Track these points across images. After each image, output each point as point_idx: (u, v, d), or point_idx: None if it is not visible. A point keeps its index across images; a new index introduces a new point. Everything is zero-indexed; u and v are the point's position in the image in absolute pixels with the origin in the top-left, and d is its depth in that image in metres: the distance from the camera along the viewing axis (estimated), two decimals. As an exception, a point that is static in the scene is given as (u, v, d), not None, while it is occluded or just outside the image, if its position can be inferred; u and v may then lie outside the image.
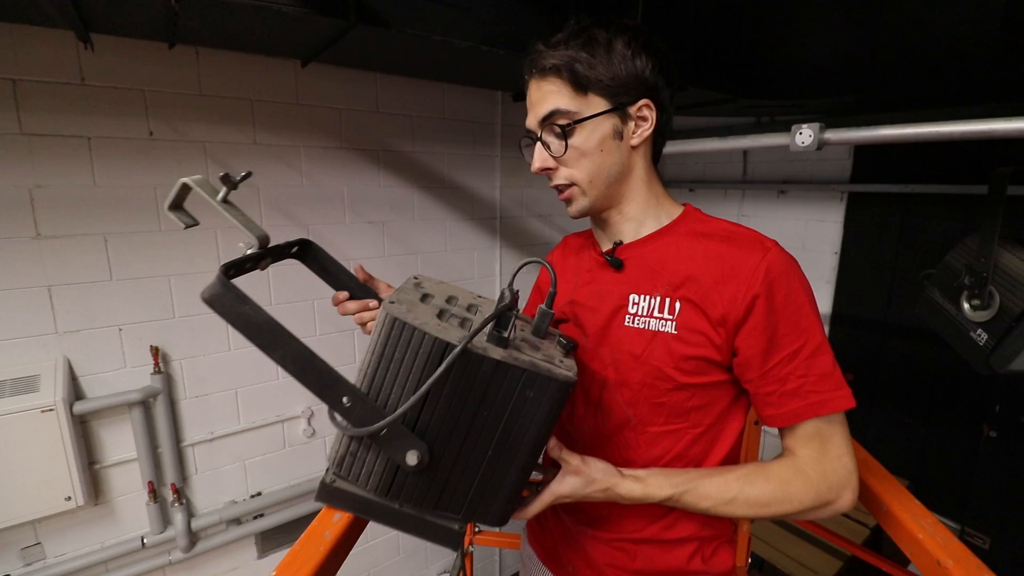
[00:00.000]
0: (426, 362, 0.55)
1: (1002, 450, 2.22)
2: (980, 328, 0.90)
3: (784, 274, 0.69)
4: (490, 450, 0.59)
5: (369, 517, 0.62)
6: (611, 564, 0.82)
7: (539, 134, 0.75)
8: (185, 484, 1.99)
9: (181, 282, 1.86)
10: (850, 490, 0.69)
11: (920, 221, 2.42)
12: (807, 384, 0.68)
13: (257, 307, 0.55)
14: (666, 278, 0.75)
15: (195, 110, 1.77)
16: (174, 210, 0.64)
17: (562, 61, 0.71)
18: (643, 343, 0.75)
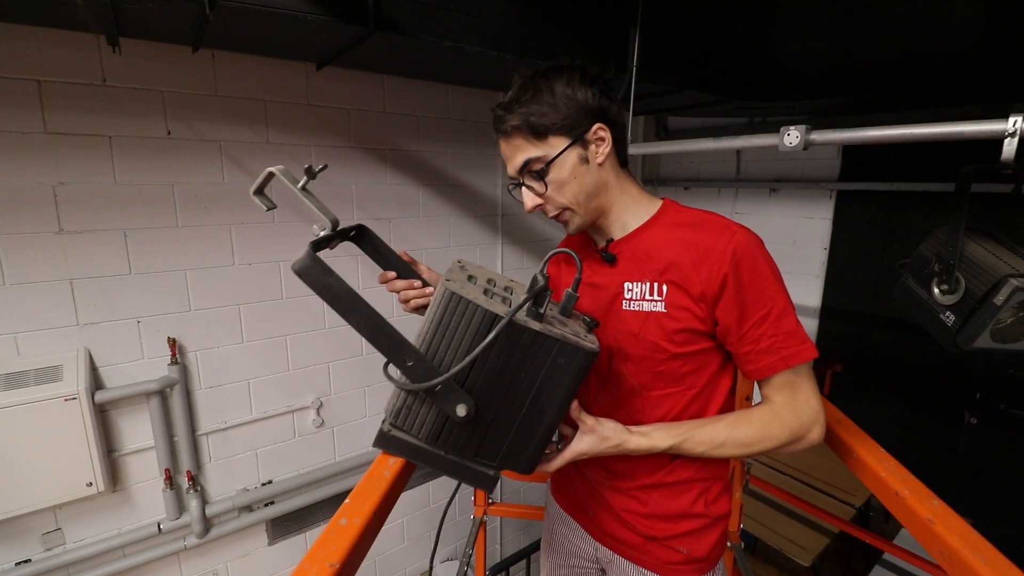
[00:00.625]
0: (477, 330, 0.66)
1: (982, 436, 2.33)
2: (948, 310, 1.00)
3: (748, 253, 0.81)
4: (525, 407, 0.69)
5: (419, 461, 0.72)
6: (626, 510, 0.96)
7: (521, 180, 0.88)
8: (200, 472, 2.06)
9: (197, 276, 1.93)
10: (818, 426, 0.83)
11: (905, 217, 2.52)
12: (776, 342, 0.81)
13: (339, 278, 0.65)
14: (652, 265, 0.87)
15: (211, 110, 1.84)
16: (257, 195, 0.74)
17: (519, 120, 0.83)
18: (639, 323, 0.87)
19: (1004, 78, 1.72)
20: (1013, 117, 0.99)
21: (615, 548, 1.00)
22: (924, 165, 2.37)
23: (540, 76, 0.83)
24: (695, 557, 0.94)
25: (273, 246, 2.08)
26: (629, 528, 0.96)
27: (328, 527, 0.59)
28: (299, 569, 0.52)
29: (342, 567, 0.52)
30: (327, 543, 0.55)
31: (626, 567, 0.99)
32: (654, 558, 0.95)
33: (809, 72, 2.06)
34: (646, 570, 0.96)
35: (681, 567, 0.94)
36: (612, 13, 1.71)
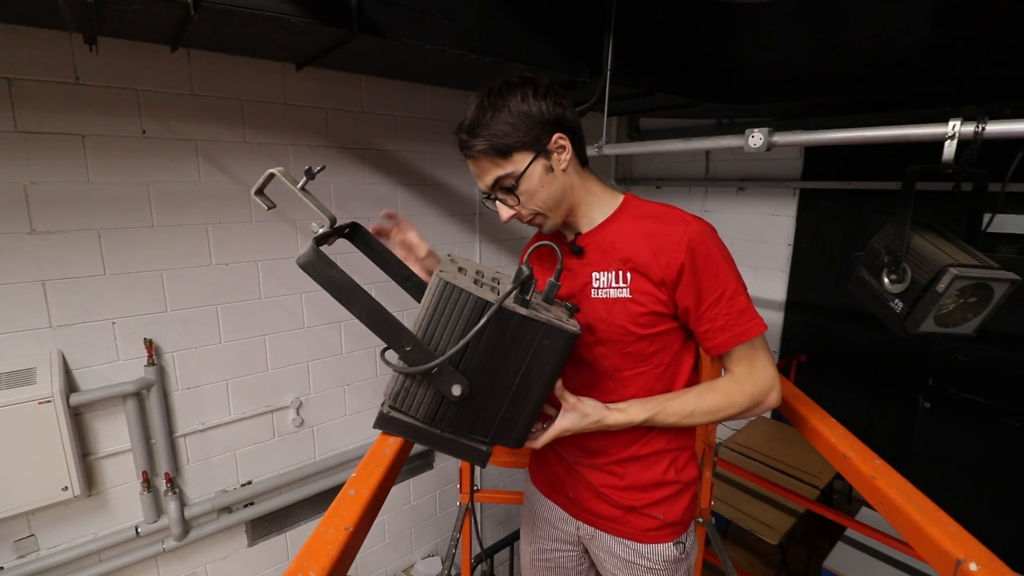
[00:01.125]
0: (470, 316, 0.71)
1: (935, 419, 2.48)
2: (897, 298, 1.09)
3: (701, 241, 0.88)
4: (514, 386, 0.75)
5: (417, 440, 0.78)
6: (605, 484, 1.02)
7: (494, 195, 0.94)
8: (178, 474, 2.04)
9: (174, 276, 1.91)
10: (775, 391, 0.92)
11: (863, 214, 2.66)
12: (731, 320, 0.89)
13: (341, 271, 0.70)
14: (617, 255, 0.94)
15: (187, 109, 1.83)
16: (259, 195, 0.77)
17: (484, 144, 0.87)
18: (607, 308, 0.94)
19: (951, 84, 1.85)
20: (952, 121, 1.08)
21: (596, 523, 1.06)
22: (880, 165, 2.51)
23: (495, 95, 0.87)
24: (670, 521, 1.01)
25: (250, 246, 2.07)
26: (608, 502, 1.03)
27: (338, 498, 0.63)
28: (316, 532, 0.55)
29: (355, 529, 0.56)
30: (339, 510, 0.60)
31: (607, 540, 1.05)
32: (633, 527, 1.02)
33: (773, 77, 2.17)
34: (626, 539, 1.03)
35: (658, 532, 1.01)
36: (587, 19, 1.78)
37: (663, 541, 1.02)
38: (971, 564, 0.59)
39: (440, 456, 2.90)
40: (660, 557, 1.02)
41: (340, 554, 0.53)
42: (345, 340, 2.44)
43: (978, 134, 1.03)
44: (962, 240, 1.15)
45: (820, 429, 0.96)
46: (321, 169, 0.77)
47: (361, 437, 2.57)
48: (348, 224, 0.93)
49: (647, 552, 1.02)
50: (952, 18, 1.69)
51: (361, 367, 2.52)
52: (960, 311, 1.09)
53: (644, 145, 1.73)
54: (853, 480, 0.85)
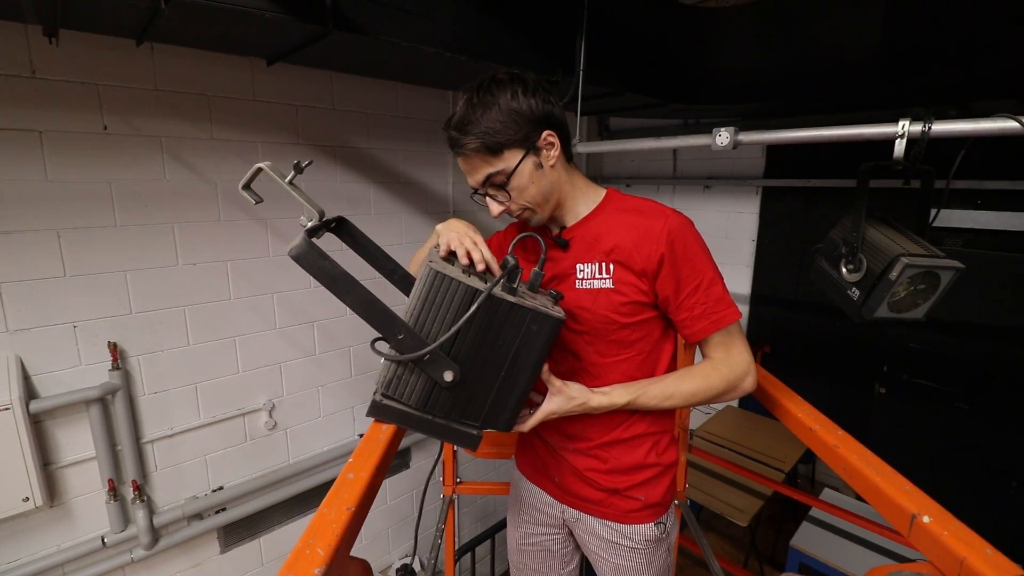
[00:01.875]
0: (460, 304, 0.73)
1: (890, 403, 2.62)
2: (854, 287, 1.16)
3: (680, 233, 0.92)
4: (503, 371, 0.78)
5: (409, 427, 0.79)
6: (589, 468, 1.06)
7: (484, 191, 0.95)
8: (145, 481, 1.98)
9: (138, 277, 1.85)
10: (751, 376, 0.96)
11: (821, 210, 2.79)
12: (708, 308, 0.93)
13: (334, 262, 0.71)
14: (600, 248, 0.97)
15: (151, 105, 1.78)
16: (246, 189, 0.77)
17: (476, 143, 0.88)
18: (591, 299, 0.97)
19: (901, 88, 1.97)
20: (902, 121, 1.15)
21: (580, 506, 1.10)
22: (835, 164, 2.64)
23: (485, 91, 0.88)
24: (651, 503, 1.05)
25: (219, 245, 2.03)
26: (592, 485, 1.06)
27: (338, 481, 0.64)
28: (319, 513, 0.56)
29: (356, 508, 0.58)
30: (341, 491, 0.61)
31: (591, 522, 1.09)
32: (616, 509, 1.06)
33: (736, 79, 2.25)
34: (609, 521, 1.07)
35: (640, 513, 1.05)
36: (560, 20, 1.81)
37: (645, 522, 1.06)
38: (924, 517, 0.65)
39: (417, 455, 2.90)
40: (642, 537, 1.06)
41: (344, 531, 0.54)
42: (318, 341, 2.41)
43: (925, 133, 1.11)
44: (912, 232, 1.23)
45: (788, 406, 1.03)
46: (309, 163, 0.77)
47: (336, 439, 2.55)
48: (335, 218, 0.94)
49: (630, 532, 1.06)
50: (901, 27, 1.80)
51: (335, 368, 2.49)
52: (911, 297, 1.17)
53: (617, 143, 1.78)
54: (819, 450, 0.91)
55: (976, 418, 2.41)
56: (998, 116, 1.05)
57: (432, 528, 3.00)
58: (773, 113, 2.69)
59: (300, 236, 0.71)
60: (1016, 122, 1.01)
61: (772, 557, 2.65)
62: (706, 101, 2.34)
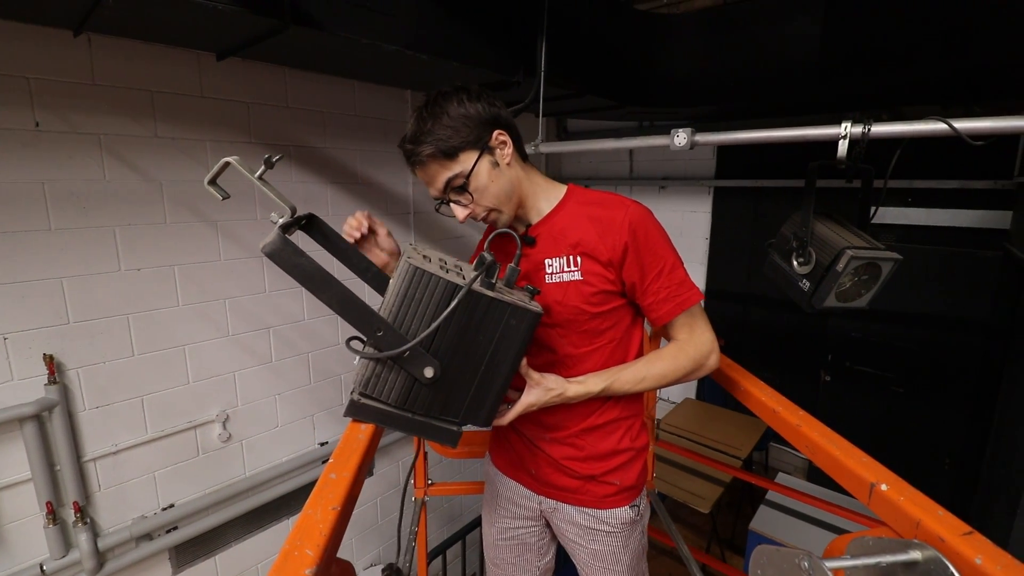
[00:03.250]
0: (439, 300, 0.73)
1: (835, 390, 2.79)
2: (804, 278, 1.23)
3: (641, 223, 0.97)
4: (483, 366, 0.78)
5: (388, 425, 0.78)
6: (567, 457, 1.08)
7: (447, 198, 0.98)
8: (88, 502, 1.85)
9: (76, 284, 1.73)
10: (715, 353, 1.01)
11: (770, 209, 2.93)
12: (671, 292, 0.98)
13: (309, 258, 0.69)
14: (566, 241, 1.00)
15: (88, 100, 1.67)
16: (211, 184, 0.73)
17: (430, 149, 0.92)
18: (562, 291, 1.00)
19: (837, 93, 2.10)
20: (845, 123, 1.23)
21: (557, 496, 1.12)
22: (781, 165, 2.78)
23: (433, 104, 0.93)
24: (626, 486, 1.09)
25: (165, 249, 1.92)
26: (569, 474, 1.08)
27: (320, 482, 0.62)
28: (304, 515, 0.54)
29: (342, 508, 0.56)
30: (324, 492, 0.59)
31: (568, 511, 1.11)
32: (592, 495, 1.09)
33: (688, 83, 2.34)
34: (586, 508, 1.10)
35: (615, 497, 1.09)
36: (521, 21, 1.82)
37: (620, 505, 1.09)
38: (882, 485, 0.70)
39: (381, 462, 2.84)
40: (618, 520, 1.09)
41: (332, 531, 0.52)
42: (275, 347, 2.32)
43: (865, 134, 1.19)
44: (855, 227, 1.32)
45: (751, 390, 1.08)
46: (279, 158, 0.75)
47: (296, 448, 2.46)
48: (305, 215, 0.92)
49: (606, 517, 1.09)
50: (837, 36, 1.92)
51: (293, 375, 2.41)
52: (855, 287, 1.25)
53: (579, 144, 1.81)
54: (781, 429, 0.96)
55: (911, 400, 2.59)
56: (930, 119, 1.14)
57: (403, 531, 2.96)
58: (722, 116, 2.81)
59: (274, 232, 0.69)
60: (945, 124, 1.09)
61: (732, 541, 2.76)
62: (659, 104, 2.41)
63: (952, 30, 1.69)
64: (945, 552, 0.49)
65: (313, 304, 2.41)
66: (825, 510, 1.63)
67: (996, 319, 2.34)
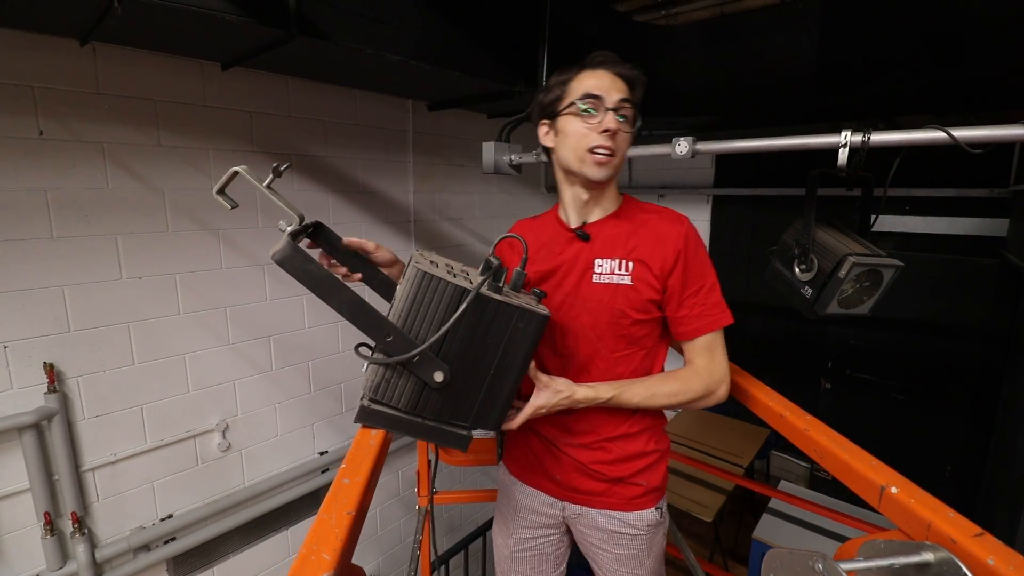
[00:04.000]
0: (448, 304, 0.73)
1: (835, 396, 2.79)
2: (806, 285, 1.24)
3: (695, 239, 1.02)
4: (492, 370, 0.78)
5: (398, 431, 0.77)
6: (594, 461, 1.08)
7: (612, 107, 0.98)
8: (86, 512, 1.83)
9: (77, 292, 1.73)
10: (725, 384, 1.03)
11: (768, 218, 2.95)
12: (705, 310, 1.00)
13: (319, 264, 0.70)
14: (622, 245, 1.03)
15: (92, 109, 1.67)
16: (220, 194, 0.74)
17: (637, 79, 1.01)
18: (608, 293, 1.02)
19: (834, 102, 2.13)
20: (844, 131, 1.25)
21: (582, 500, 1.11)
22: (778, 174, 2.81)
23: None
24: (652, 487, 1.10)
25: (166, 257, 1.92)
26: (596, 477, 1.08)
27: (334, 488, 0.62)
28: (319, 520, 0.54)
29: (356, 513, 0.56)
30: (338, 497, 0.59)
31: (593, 515, 1.11)
32: (619, 498, 1.09)
33: (687, 93, 2.36)
34: (612, 511, 1.10)
35: (642, 499, 1.09)
36: (522, 31, 1.85)
37: (646, 507, 1.10)
38: (892, 488, 0.70)
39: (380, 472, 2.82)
40: (644, 522, 1.09)
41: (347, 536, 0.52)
42: (275, 356, 2.32)
43: (865, 143, 1.20)
44: (856, 234, 1.33)
45: (758, 395, 1.09)
46: (287, 167, 0.75)
47: (296, 458, 2.45)
48: (312, 223, 0.92)
49: (632, 519, 1.09)
50: (832, 48, 1.95)
51: (293, 384, 2.40)
52: (857, 294, 1.26)
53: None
54: (789, 434, 0.96)
55: (912, 407, 2.59)
56: (929, 127, 1.15)
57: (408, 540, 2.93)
58: (720, 126, 2.84)
59: (283, 240, 0.69)
60: (944, 132, 1.11)
61: (734, 551, 2.74)
62: (659, 114, 2.43)
63: (945, 40, 1.71)
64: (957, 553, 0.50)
65: (313, 313, 2.41)
66: (829, 518, 1.62)
67: (995, 326, 2.35)
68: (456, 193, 2.99)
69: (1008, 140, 1.10)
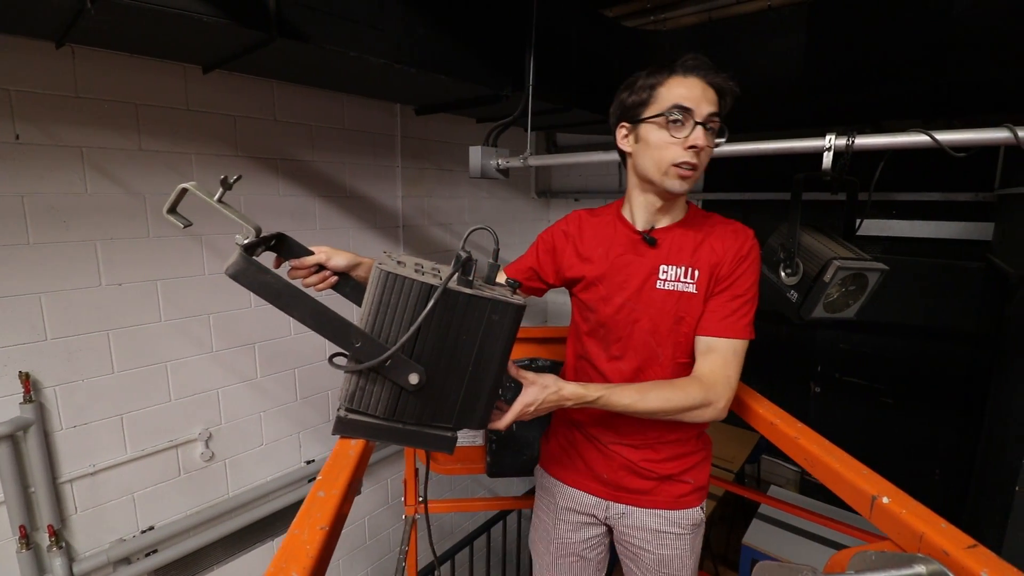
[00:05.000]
0: (416, 303, 0.70)
1: (825, 401, 2.79)
2: (792, 289, 1.23)
3: (757, 252, 1.05)
4: (470, 366, 0.75)
5: (379, 439, 0.75)
6: (644, 459, 1.09)
7: (701, 121, 0.96)
8: (64, 525, 1.78)
9: (55, 300, 1.69)
10: (726, 399, 0.99)
11: (756, 222, 2.94)
12: (734, 317, 1.00)
13: (276, 275, 0.67)
14: (690, 253, 1.03)
15: (71, 113, 1.65)
16: (171, 213, 0.71)
17: (729, 89, 1.00)
18: (672, 300, 1.02)
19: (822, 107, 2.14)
20: (829, 135, 1.25)
21: (629, 500, 1.11)
22: (767, 179, 2.81)
23: None
24: (699, 485, 1.10)
25: (148, 264, 1.89)
26: (644, 476, 1.08)
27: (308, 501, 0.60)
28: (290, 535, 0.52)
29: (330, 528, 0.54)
30: (312, 511, 0.57)
31: (640, 515, 1.10)
32: (666, 495, 1.09)
33: (675, 97, 2.36)
34: (659, 509, 1.09)
35: (689, 497, 1.10)
36: (509, 36, 1.84)
37: (692, 506, 1.10)
38: (883, 498, 0.69)
39: (370, 480, 2.78)
40: (689, 521, 1.09)
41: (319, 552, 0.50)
42: (260, 364, 2.28)
43: (849, 146, 1.20)
44: (841, 238, 1.32)
45: (749, 403, 1.09)
46: (237, 179, 0.73)
47: (282, 466, 2.41)
48: (274, 235, 0.89)
49: (678, 518, 1.09)
50: (819, 54, 1.96)
51: (278, 392, 2.36)
52: (843, 298, 1.25)
53: (567, 157, 1.81)
54: (779, 442, 0.95)
55: (901, 411, 2.60)
56: (912, 131, 1.15)
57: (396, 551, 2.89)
58: (709, 130, 2.84)
59: (236, 253, 0.67)
60: (928, 136, 1.11)
61: (725, 556, 2.72)
62: (648, 118, 2.43)
63: (930, 47, 1.73)
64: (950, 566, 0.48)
65: (300, 319, 2.38)
66: (819, 523, 1.61)
67: (981, 329, 2.36)
68: (446, 198, 2.97)
69: (990, 143, 1.10)
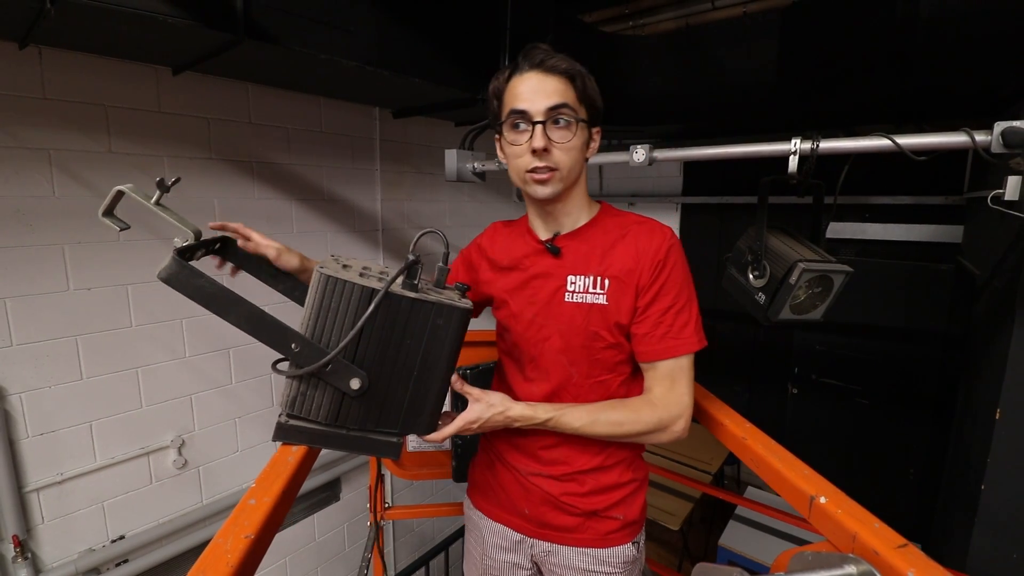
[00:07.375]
0: (357, 307, 0.69)
1: (802, 402, 2.82)
2: (760, 292, 1.25)
3: (678, 252, 0.94)
4: (415, 371, 0.74)
5: (322, 445, 0.73)
6: (566, 493, 0.99)
7: (541, 119, 0.87)
8: (30, 535, 1.74)
9: (20, 304, 1.65)
10: (683, 419, 0.91)
11: (734, 225, 2.99)
12: (671, 332, 0.90)
13: (210, 279, 0.66)
14: (597, 261, 0.93)
15: (37, 115, 1.61)
16: (107, 216, 0.70)
17: (573, 70, 0.88)
18: (582, 314, 0.92)
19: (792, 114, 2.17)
20: (794, 140, 1.27)
21: (553, 538, 1.02)
22: (745, 183, 2.86)
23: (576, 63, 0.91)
24: (629, 520, 1.01)
25: (118, 267, 1.85)
26: (568, 511, 1.00)
27: (237, 508, 0.58)
28: (213, 543, 0.51)
29: (256, 537, 0.53)
30: (239, 519, 0.55)
31: (565, 553, 1.01)
32: (594, 532, 1.00)
33: (653, 103, 2.39)
34: (586, 548, 1.00)
35: (618, 534, 1.00)
36: (483, 39, 1.84)
37: (623, 543, 1.01)
38: (821, 498, 0.70)
39: (347, 487, 2.75)
40: (620, 559, 1.00)
41: (240, 562, 0.49)
42: (234, 369, 2.25)
43: (814, 150, 1.22)
44: (808, 241, 1.34)
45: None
46: (176, 181, 0.72)
47: (257, 474, 2.37)
48: (218, 239, 0.88)
49: (607, 556, 1.00)
50: (792, 60, 1.99)
51: (254, 397, 2.33)
52: (810, 300, 1.27)
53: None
54: (728, 442, 0.95)
55: (876, 412, 2.64)
56: (875, 135, 1.17)
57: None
58: (686, 135, 2.88)
59: (168, 257, 0.66)
60: (889, 140, 1.13)
61: (704, 558, 2.74)
62: (625, 123, 2.46)
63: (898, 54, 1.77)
64: (879, 565, 0.49)
65: (277, 323, 2.35)
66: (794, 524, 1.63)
67: (952, 330, 2.41)
68: (426, 202, 2.96)
69: (949, 147, 1.12)
